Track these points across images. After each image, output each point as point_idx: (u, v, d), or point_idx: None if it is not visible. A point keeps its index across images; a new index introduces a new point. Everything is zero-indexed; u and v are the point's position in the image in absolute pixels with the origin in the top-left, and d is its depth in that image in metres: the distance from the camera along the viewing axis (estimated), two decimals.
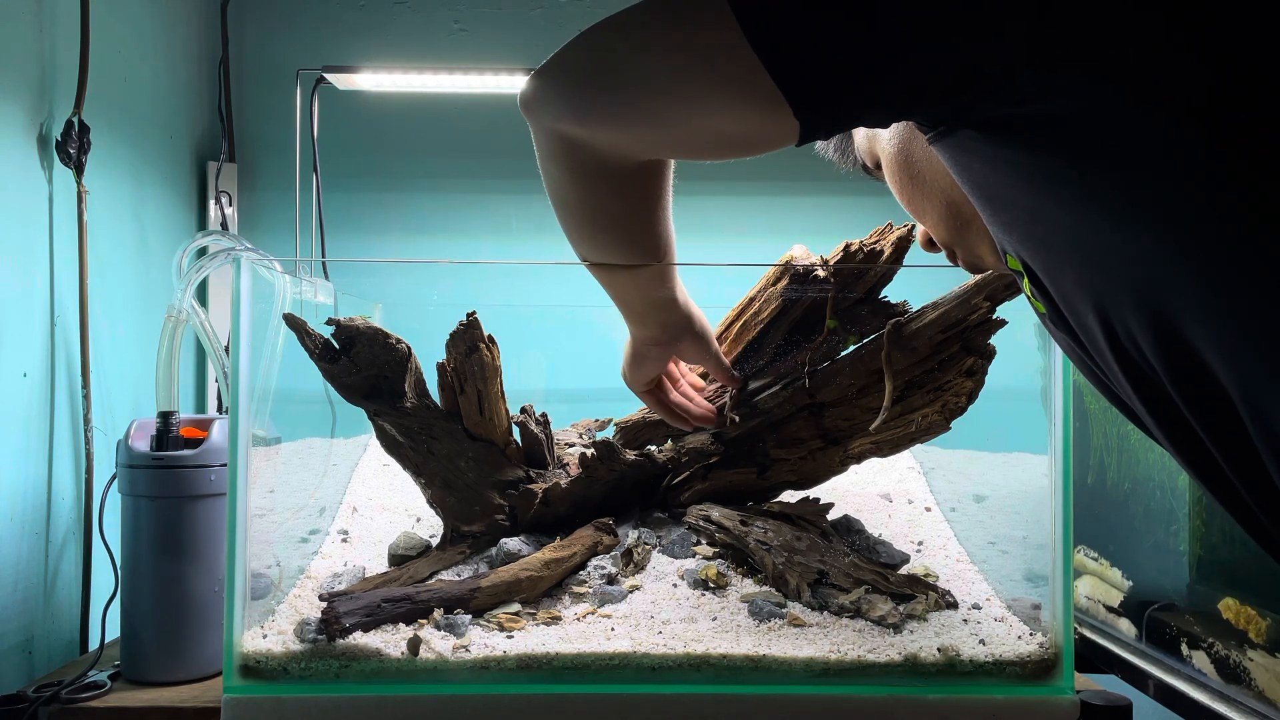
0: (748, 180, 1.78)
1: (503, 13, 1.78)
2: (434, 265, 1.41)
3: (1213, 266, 0.47)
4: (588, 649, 0.87)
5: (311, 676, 0.86)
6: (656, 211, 0.75)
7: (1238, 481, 0.51)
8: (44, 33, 1.20)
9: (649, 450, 1.11)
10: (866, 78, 0.53)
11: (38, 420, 1.17)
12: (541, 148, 0.69)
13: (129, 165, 1.43)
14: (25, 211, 1.16)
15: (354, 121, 1.77)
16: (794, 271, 1.02)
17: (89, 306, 1.24)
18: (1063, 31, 0.49)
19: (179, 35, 1.62)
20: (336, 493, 1.23)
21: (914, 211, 0.76)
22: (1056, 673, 0.89)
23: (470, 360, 1.01)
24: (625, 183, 0.70)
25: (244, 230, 1.74)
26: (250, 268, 0.91)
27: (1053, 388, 0.93)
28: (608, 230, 0.75)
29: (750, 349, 1.07)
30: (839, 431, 1.05)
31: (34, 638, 1.16)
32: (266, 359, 0.97)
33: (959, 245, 0.75)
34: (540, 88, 0.64)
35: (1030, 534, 1.04)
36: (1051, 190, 0.52)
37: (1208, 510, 0.93)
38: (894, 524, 1.16)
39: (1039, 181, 0.52)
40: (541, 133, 0.67)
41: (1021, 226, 0.55)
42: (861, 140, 0.79)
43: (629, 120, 0.62)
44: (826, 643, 0.88)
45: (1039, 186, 0.52)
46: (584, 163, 0.67)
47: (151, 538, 1.00)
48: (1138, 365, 0.52)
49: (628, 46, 0.59)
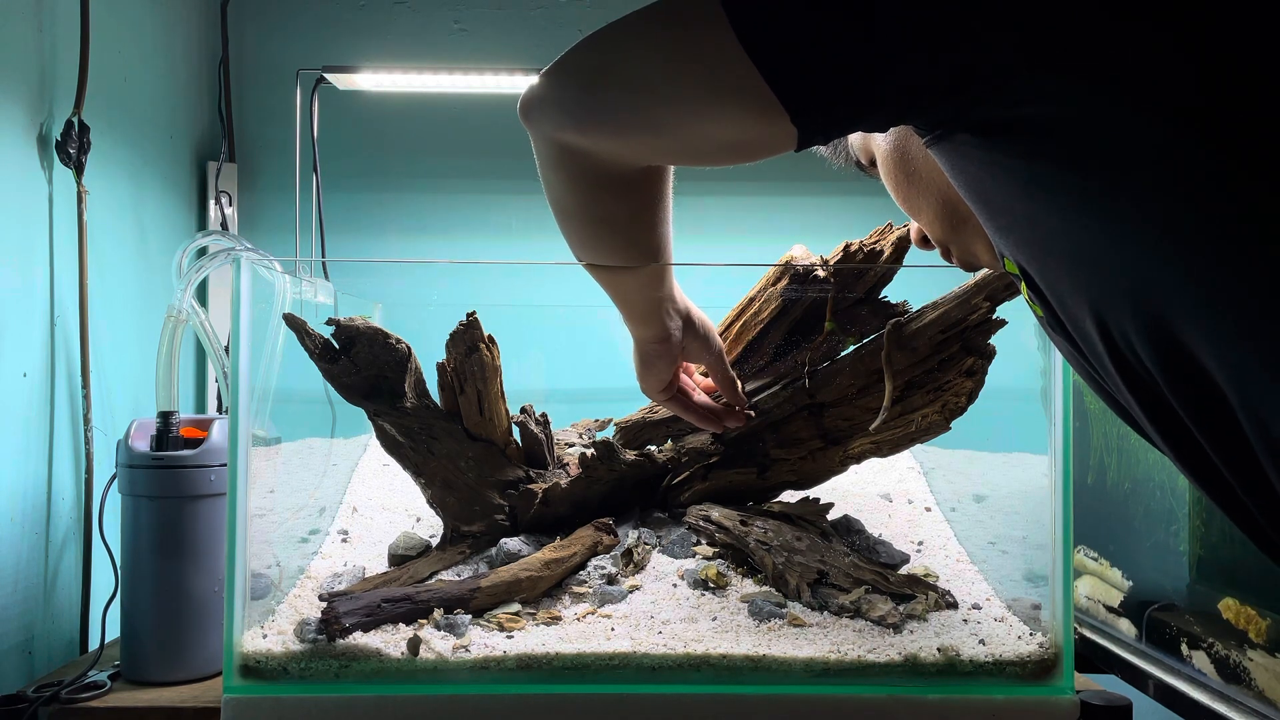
0: (747, 181, 1.78)
1: (503, 13, 1.78)
2: (434, 265, 1.41)
3: (1207, 269, 0.47)
4: (588, 649, 0.87)
5: (311, 676, 0.86)
6: (657, 215, 0.75)
7: (1236, 484, 0.51)
8: (44, 33, 1.20)
9: (649, 450, 1.10)
10: (863, 84, 0.53)
11: (38, 420, 1.17)
12: (542, 156, 0.69)
13: (129, 165, 1.43)
14: (25, 211, 1.16)
15: (354, 121, 1.77)
16: (794, 271, 1.02)
17: (89, 306, 1.24)
18: (1055, 35, 0.49)
19: (179, 35, 1.62)
20: (336, 493, 1.23)
21: (909, 209, 0.76)
22: (1056, 673, 0.89)
23: (470, 360, 1.01)
24: (626, 189, 0.71)
25: (244, 230, 1.74)
26: (250, 268, 0.91)
27: (1053, 388, 0.93)
28: (609, 236, 0.75)
29: (750, 349, 1.07)
30: (839, 431, 1.05)
31: (34, 638, 1.16)
32: (266, 359, 0.97)
33: (954, 244, 0.75)
34: (540, 98, 0.64)
35: (1030, 534, 1.04)
36: (1046, 195, 0.52)
37: (1208, 510, 0.93)
38: (894, 524, 1.16)
39: (1034, 186, 0.52)
40: (542, 142, 0.67)
41: (1018, 231, 0.55)
42: (856, 138, 0.79)
43: (629, 129, 0.62)
44: (826, 643, 0.88)
45: (1034, 191, 0.53)
46: (585, 171, 0.67)
47: (151, 538, 1.00)
48: (1135, 369, 0.52)
49: (626, 55, 0.59)
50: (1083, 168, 0.50)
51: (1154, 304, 0.49)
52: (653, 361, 0.91)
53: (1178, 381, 0.50)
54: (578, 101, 0.62)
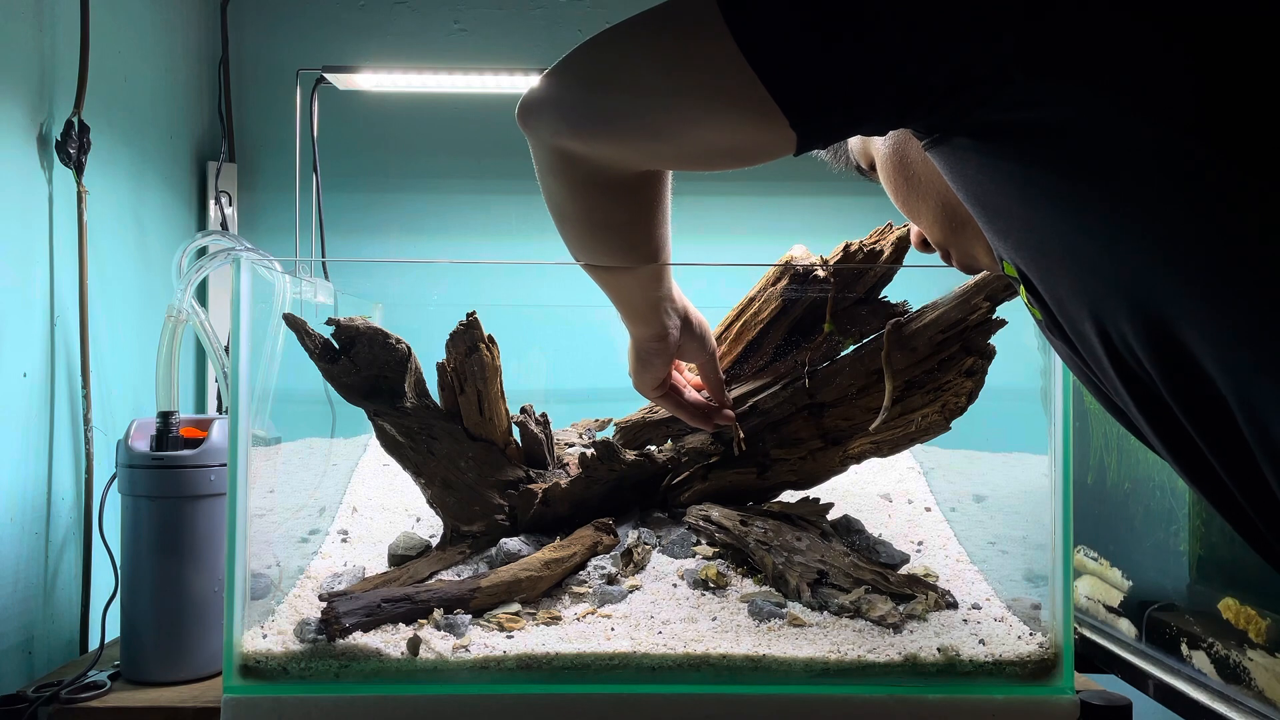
0: (747, 181, 1.78)
1: (503, 13, 1.78)
2: (434, 265, 1.41)
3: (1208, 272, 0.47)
4: (588, 649, 0.87)
5: (311, 676, 0.86)
6: (656, 217, 0.75)
7: (1234, 486, 0.51)
8: (44, 33, 1.20)
9: (649, 450, 1.10)
10: (861, 89, 0.53)
11: (38, 420, 1.17)
12: (540, 162, 0.69)
13: (129, 165, 1.43)
14: (25, 211, 1.16)
15: (354, 121, 1.77)
16: (794, 271, 1.02)
17: (89, 306, 1.24)
18: (1055, 38, 0.49)
19: (179, 35, 1.62)
20: (336, 493, 1.23)
21: (908, 212, 0.76)
22: (1056, 673, 0.89)
23: (470, 360, 1.01)
24: (625, 193, 0.71)
25: (244, 230, 1.74)
26: (250, 268, 0.91)
27: (1053, 388, 0.93)
28: (608, 239, 0.75)
29: (750, 349, 1.07)
30: (839, 431, 1.05)
31: (34, 638, 1.16)
32: (266, 359, 0.97)
33: (954, 247, 0.75)
34: (538, 104, 0.64)
35: (1030, 534, 1.03)
36: (1043, 198, 0.52)
37: (1208, 510, 0.93)
38: (894, 524, 1.16)
39: (1031, 189, 0.52)
40: (540, 147, 0.67)
41: (1016, 234, 0.55)
42: (855, 142, 0.79)
43: (628, 135, 0.62)
44: (826, 643, 0.88)
45: (1031, 194, 0.52)
46: (583, 176, 0.67)
47: (151, 538, 1.00)
48: (1133, 371, 0.52)
49: (624, 62, 0.59)
50: (1081, 170, 0.50)
51: (1153, 307, 0.49)
52: (649, 360, 0.91)
53: (1176, 384, 0.50)
54: (576, 108, 0.62)
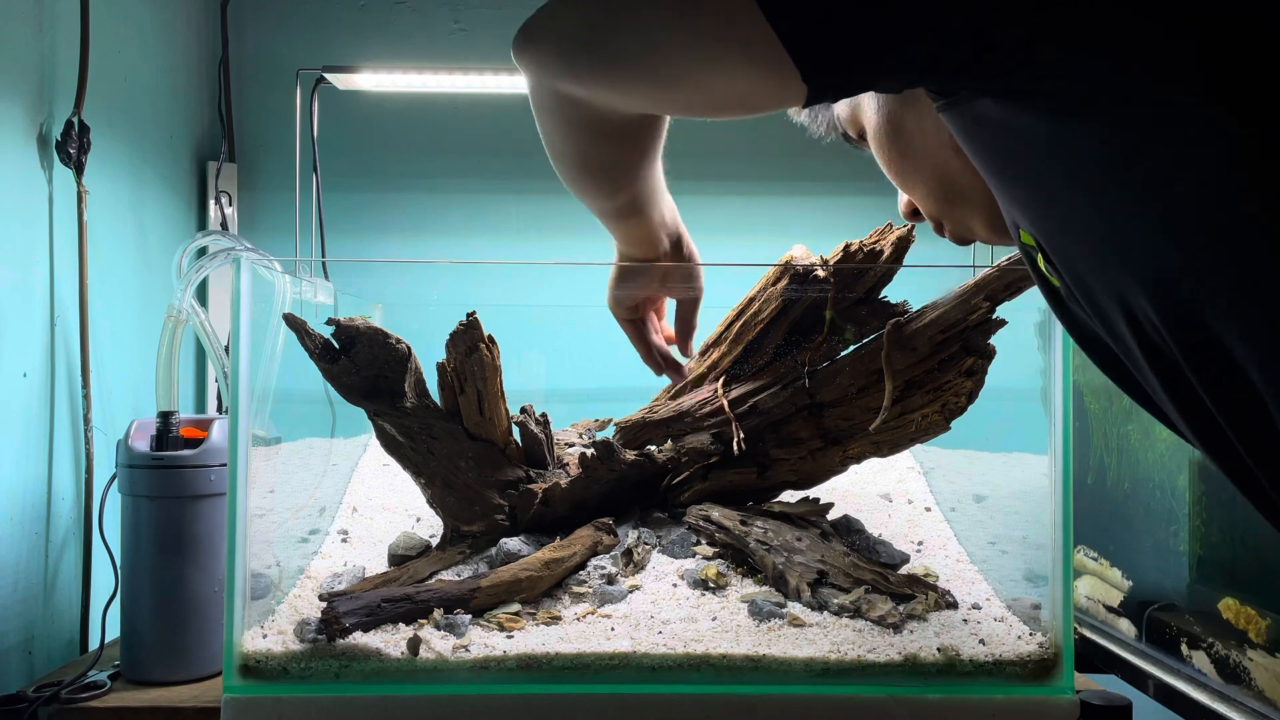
0: (748, 180, 1.78)
1: (503, 13, 1.78)
2: (434, 265, 1.41)
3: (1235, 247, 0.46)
4: (588, 649, 0.87)
5: (311, 676, 0.86)
6: (650, 156, 0.74)
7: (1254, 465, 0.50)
8: (44, 33, 1.20)
9: (649, 450, 1.10)
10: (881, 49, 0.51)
11: (38, 420, 1.17)
12: (536, 100, 0.67)
13: (129, 165, 1.43)
14: (25, 211, 1.16)
15: (354, 121, 1.77)
16: (794, 271, 1.02)
17: (89, 306, 1.24)
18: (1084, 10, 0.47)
19: (179, 35, 1.62)
20: (336, 493, 1.23)
21: (901, 182, 0.74)
22: (1056, 673, 0.89)
23: (470, 360, 1.01)
24: (621, 135, 0.70)
25: (244, 230, 1.74)
26: (250, 268, 0.91)
27: (1053, 388, 0.93)
28: (598, 175, 0.75)
29: (750, 349, 1.07)
30: (839, 431, 1.05)
31: (34, 638, 1.16)
32: (266, 359, 0.97)
33: (948, 218, 0.73)
34: (538, 39, 0.62)
35: (1030, 534, 1.04)
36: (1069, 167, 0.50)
37: (1208, 510, 0.93)
38: (894, 524, 1.16)
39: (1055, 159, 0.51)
40: (538, 87, 0.66)
41: (1037, 204, 0.54)
42: (843, 109, 0.76)
43: (632, 81, 0.60)
44: (826, 643, 0.88)
45: (1055, 164, 0.51)
46: (580, 118, 0.66)
47: (151, 538, 1.00)
48: (1156, 345, 0.51)
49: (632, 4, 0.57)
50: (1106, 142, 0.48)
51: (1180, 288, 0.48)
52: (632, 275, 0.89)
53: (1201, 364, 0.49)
54: (579, 50, 0.60)
